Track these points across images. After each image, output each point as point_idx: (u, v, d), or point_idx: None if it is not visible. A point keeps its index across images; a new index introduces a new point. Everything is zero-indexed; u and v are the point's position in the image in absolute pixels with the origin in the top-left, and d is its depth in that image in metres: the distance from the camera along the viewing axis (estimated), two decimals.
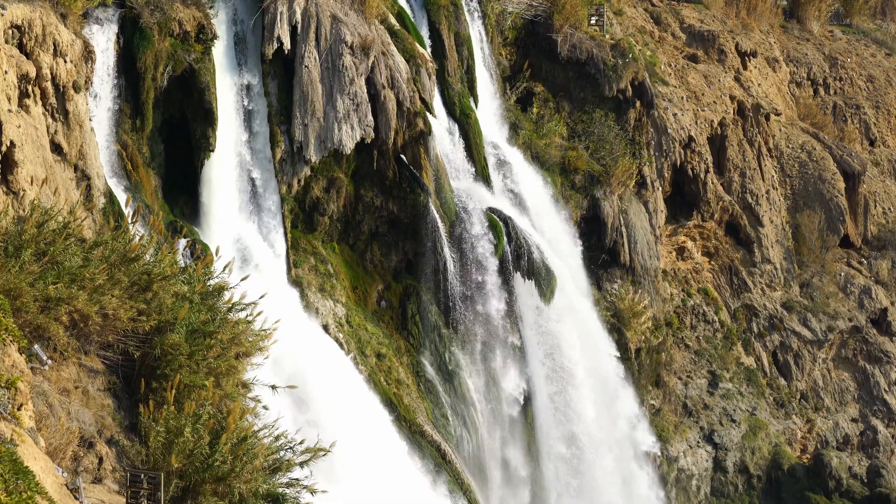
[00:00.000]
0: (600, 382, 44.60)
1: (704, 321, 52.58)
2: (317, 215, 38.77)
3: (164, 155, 35.31)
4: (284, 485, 19.26)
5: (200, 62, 34.96)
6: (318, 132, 37.44)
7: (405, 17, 42.00)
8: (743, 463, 50.32)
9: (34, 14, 28.41)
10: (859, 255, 58.39)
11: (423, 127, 39.28)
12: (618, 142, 47.93)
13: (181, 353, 19.62)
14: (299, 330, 34.44)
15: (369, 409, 36.12)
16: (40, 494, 13.71)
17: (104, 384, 19.75)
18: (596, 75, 48.33)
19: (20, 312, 18.15)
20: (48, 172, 27.12)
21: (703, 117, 52.77)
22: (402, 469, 35.66)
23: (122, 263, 20.18)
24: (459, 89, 43.19)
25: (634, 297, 47.07)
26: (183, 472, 17.94)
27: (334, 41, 37.75)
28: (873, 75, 65.45)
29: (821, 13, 66.64)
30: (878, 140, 63.59)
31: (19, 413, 15.40)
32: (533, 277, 41.43)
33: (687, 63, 55.56)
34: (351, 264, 39.70)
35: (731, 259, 54.07)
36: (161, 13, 34.04)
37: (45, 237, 19.63)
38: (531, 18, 48.59)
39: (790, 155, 57.96)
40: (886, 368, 55.57)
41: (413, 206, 39.53)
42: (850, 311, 55.69)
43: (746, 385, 52.05)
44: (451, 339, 40.27)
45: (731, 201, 53.41)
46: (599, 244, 47.00)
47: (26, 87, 28.01)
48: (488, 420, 40.89)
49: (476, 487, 38.78)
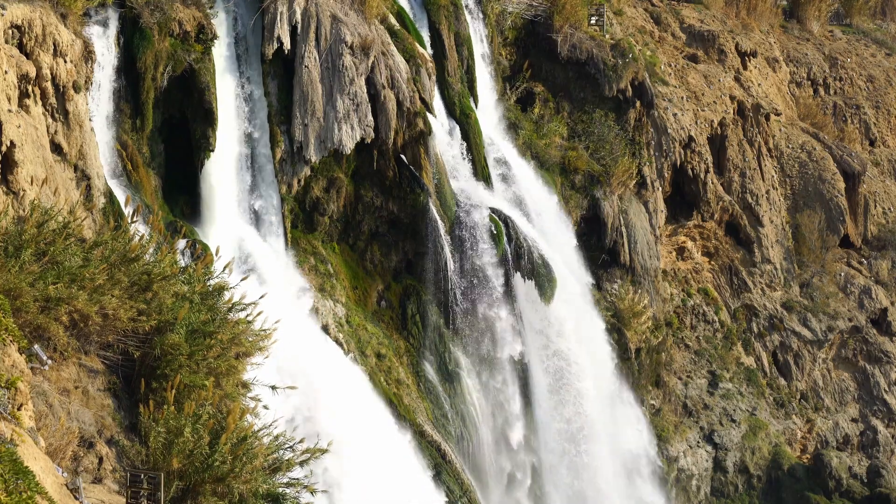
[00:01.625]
0: (600, 382, 44.61)
1: (704, 321, 52.58)
2: (317, 215, 38.77)
3: (164, 155, 35.30)
4: (284, 485, 19.26)
5: (200, 62, 34.96)
6: (318, 132, 37.44)
7: (405, 17, 42.00)
8: (743, 463, 50.32)
9: (34, 14, 28.41)
10: (859, 255, 58.39)
11: (423, 127, 39.28)
12: (618, 142, 47.93)
13: (181, 353, 19.62)
14: (299, 330, 34.43)
15: (370, 409, 36.12)
16: (40, 494, 13.71)
17: (104, 384, 19.75)
18: (596, 75, 48.34)
19: (20, 312, 18.14)
20: (48, 172, 27.12)
21: (703, 117, 52.77)
22: (404, 468, 35.67)
23: (122, 263, 20.18)
24: (459, 89, 43.19)
25: (634, 297, 47.07)
26: (183, 472, 17.93)
27: (334, 41, 37.75)
28: (873, 75, 65.45)
29: (821, 13, 66.64)
30: (878, 140, 63.59)
31: (19, 413, 15.40)
32: (533, 277, 41.43)
33: (687, 63, 55.56)
34: (351, 264, 39.70)
35: (731, 259, 54.06)
36: (161, 13, 34.03)
37: (45, 237, 19.63)
38: (531, 18, 48.59)
39: (790, 155, 57.96)
40: (886, 368, 55.57)
41: (413, 206, 39.53)
42: (850, 311, 55.69)
43: (746, 385, 52.05)
44: (451, 339, 40.28)
45: (731, 201, 53.41)
46: (599, 244, 47.01)
47: (26, 87, 28.01)
48: (488, 420, 40.89)
49: (476, 487, 38.78)
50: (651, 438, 47.35)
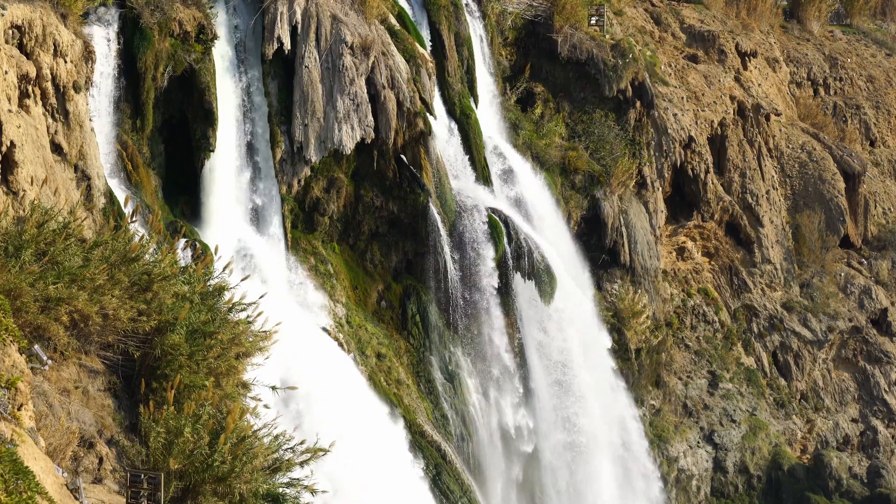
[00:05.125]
0: (600, 382, 44.61)
1: (704, 321, 52.58)
2: (317, 215, 38.77)
3: (165, 155, 35.32)
4: (284, 485, 19.25)
5: (200, 62, 34.97)
6: (318, 132, 37.44)
7: (405, 18, 42.00)
8: (743, 463, 50.31)
9: (34, 14, 28.40)
10: (859, 256, 58.39)
11: (423, 127, 39.28)
12: (618, 142, 47.94)
13: (181, 354, 19.59)
14: (299, 330, 34.41)
15: (370, 409, 36.11)
16: (40, 494, 13.71)
17: (104, 384, 19.74)
18: (596, 75, 48.35)
19: (20, 312, 18.13)
20: (48, 172, 27.12)
21: (703, 117, 52.77)
22: (402, 469, 35.67)
23: (122, 263, 20.15)
24: (459, 89, 43.19)
25: (634, 298, 47.08)
26: (183, 473, 17.92)
27: (334, 41, 37.75)
28: (873, 75, 65.45)
29: (821, 13, 66.64)
30: (878, 140, 63.60)
31: (19, 413, 15.40)
32: (533, 278, 41.44)
33: (687, 63, 55.56)
34: (351, 264, 39.70)
35: (731, 259, 54.06)
36: (161, 13, 34.04)
37: (46, 237, 19.60)
38: (531, 18, 48.60)
39: (790, 155, 57.96)
40: (886, 369, 55.56)
41: (413, 206, 39.53)
42: (850, 311, 55.69)
43: (746, 385, 52.04)
44: (452, 339, 40.28)
45: (731, 201, 53.41)
46: (599, 244, 47.02)
47: (26, 87, 28.01)
48: (488, 420, 40.89)
49: (476, 487, 38.78)
50: (649, 438, 47.34)
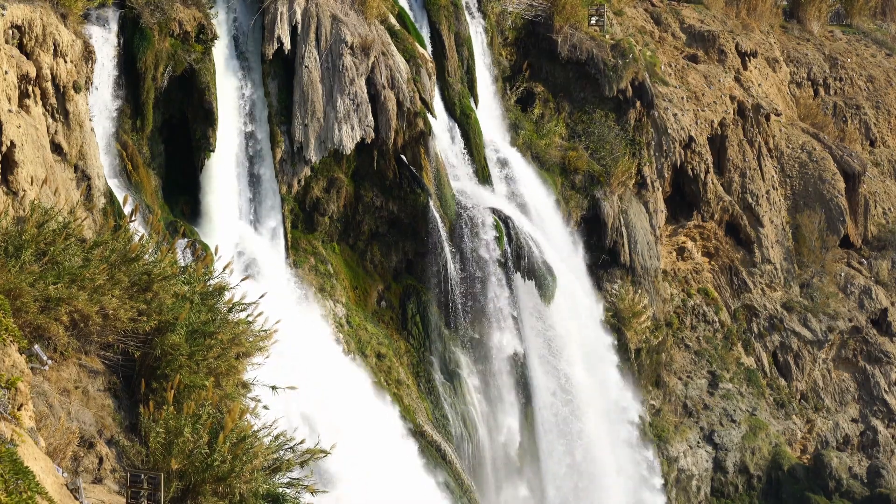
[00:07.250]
0: (600, 382, 44.63)
1: (704, 321, 52.57)
2: (317, 215, 38.77)
3: (165, 155, 35.33)
4: (284, 485, 19.25)
5: (200, 62, 34.97)
6: (318, 132, 37.44)
7: (405, 18, 42.00)
8: (743, 463, 50.31)
9: (34, 14, 28.40)
10: (859, 256, 58.39)
11: (423, 127, 39.28)
12: (618, 142, 47.93)
13: (181, 354, 19.59)
14: (299, 330, 34.41)
15: (372, 410, 36.12)
16: (40, 494, 13.71)
17: (104, 384, 19.73)
18: (596, 75, 48.35)
19: (20, 312, 18.12)
20: (48, 172, 27.12)
21: (703, 117, 52.77)
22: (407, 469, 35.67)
23: (122, 263, 20.15)
24: (459, 89, 43.19)
25: (634, 298, 47.08)
26: (183, 472, 17.92)
27: (334, 41, 37.75)
28: (873, 75, 65.45)
29: (821, 13, 66.64)
30: (878, 140, 63.59)
31: (19, 413, 15.40)
32: (533, 278, 41.44)
33: (687, 63, 55.56)
34: (351, 264, 39.70)
35: (731, 259, 54.06)
36: (161, 13, 34.04)
37: (46, 237, 19.60)
38: (531, 18, 48.60)
39: (790, 155, 57.96)
40: (886, 369, 55.56)
41: (413, 206, 39.54)
42: (850, 311, 55.69)
43: (746, 385, 52.04)
44: (452, 339, 40.28)
45: (731, 201, 53.40)
46: (599, 244, 47.01)
47: (26, 87, 28.01)
48: (488, 420, 40.90)
49: (476, 487, 38.78)
50: (649, 437, 47.34)
